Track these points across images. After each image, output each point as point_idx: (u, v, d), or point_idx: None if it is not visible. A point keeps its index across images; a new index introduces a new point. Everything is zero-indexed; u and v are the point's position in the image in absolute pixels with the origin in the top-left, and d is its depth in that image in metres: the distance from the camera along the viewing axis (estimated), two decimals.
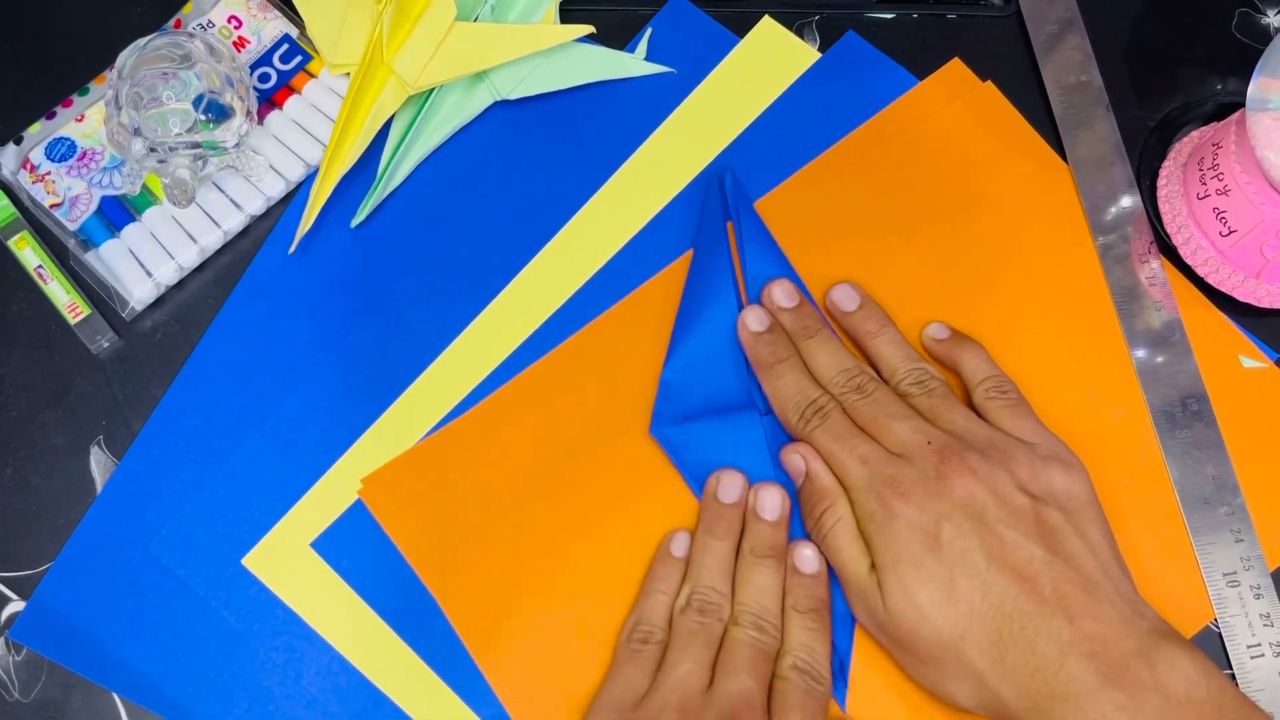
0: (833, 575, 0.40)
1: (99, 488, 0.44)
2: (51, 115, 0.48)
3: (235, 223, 0.47)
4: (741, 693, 0.37)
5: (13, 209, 0.47)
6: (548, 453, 0.43)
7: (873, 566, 0.38)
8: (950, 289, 0.46)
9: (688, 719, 0.36)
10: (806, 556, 0.40)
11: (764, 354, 0.43)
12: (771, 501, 0.41)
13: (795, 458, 0.41)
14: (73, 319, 0.45)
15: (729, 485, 0.41)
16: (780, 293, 0.44)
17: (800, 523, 0.41)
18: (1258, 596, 0.41)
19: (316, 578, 0.42)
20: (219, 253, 0.47)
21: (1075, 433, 0.43)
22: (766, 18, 0.51)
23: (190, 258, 0.46)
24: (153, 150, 0.44)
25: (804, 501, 0.41)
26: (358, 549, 0.42)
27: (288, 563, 0.42)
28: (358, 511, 0.43)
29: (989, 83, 0.50)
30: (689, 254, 0.46)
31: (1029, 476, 0.38)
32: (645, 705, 0.37)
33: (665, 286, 0.46)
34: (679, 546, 0.41)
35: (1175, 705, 0.34)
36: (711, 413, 0.43)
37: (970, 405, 0.42)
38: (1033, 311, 0.46)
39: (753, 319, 0.43)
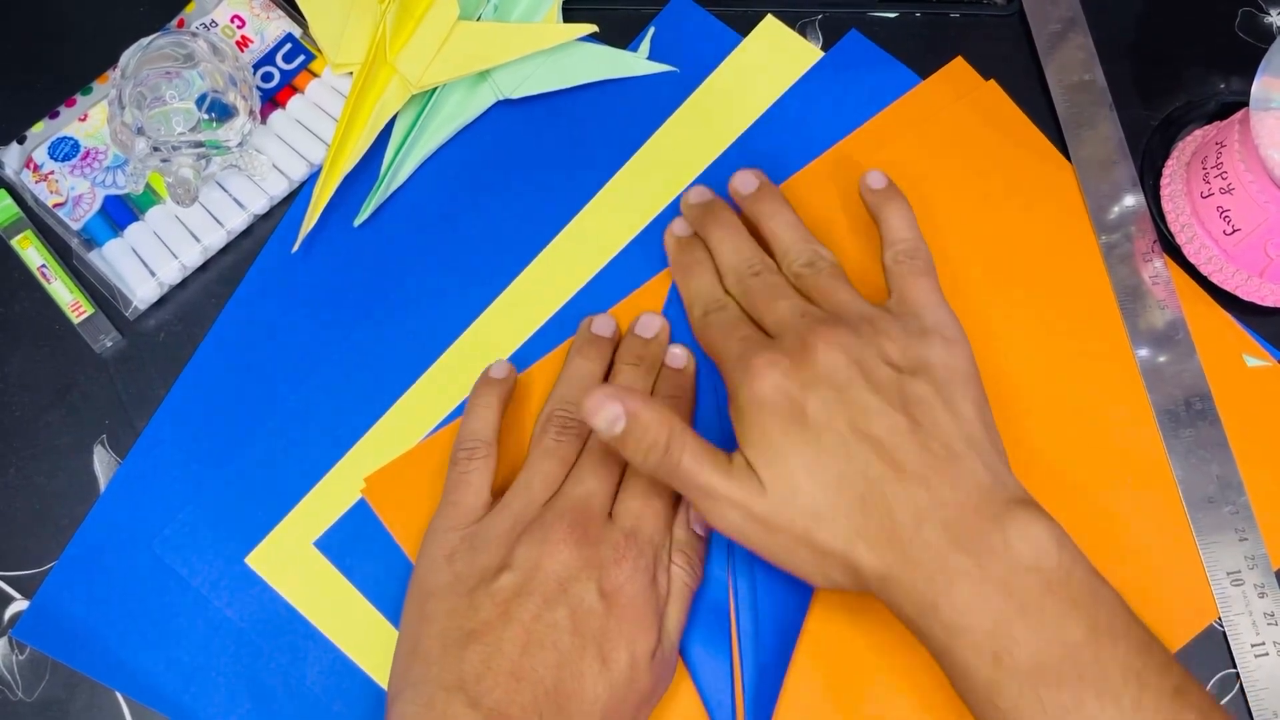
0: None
1: (102, 487, 0.44)
2: (55, 114, 0.48)
3: (238, 222, 0.47)
4: (582, 493, 0.38)
5: (16, 208, 0.47)
6: None
7: (740, 453, 0.37)
8: (953, 287, 0.46)
9: (520, 526, 0.37)
10: (676, 354, 0.43)
11: (682, 259, 0.44)
12: (648, 320, 0.44)
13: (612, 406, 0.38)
14: (76, 318, 0.45)
15: (603, 323, 0.44)
16: (694, 193, 0.46)
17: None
18: (1261, 595, 0.41)
19: (320, 577, 0.42)
20: (222, 252, 0.47)
21: (1078, 432, 0.43)
22: (769, 16, 0.51)
23: (193, 257, 0.46)
24: (156, 149, 0.44)
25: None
26: (361, 548, 0.42)
27: (291, 562, 0.42)
28: (361, 510, 0.43)
29: (992, 82, 0.50)
30: None
31: (901, 349, 0.38)
32: (491, 520, 0.38)
33: (667, 285, 0.46)
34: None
35: (1022, 572, 0.34)
36: None
37: (881, 264, 0.43)
38: (1036, 310, 0.45)
39: (678, 226, 0.46)
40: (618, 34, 0.51)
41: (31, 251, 0.46)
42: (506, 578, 0.36)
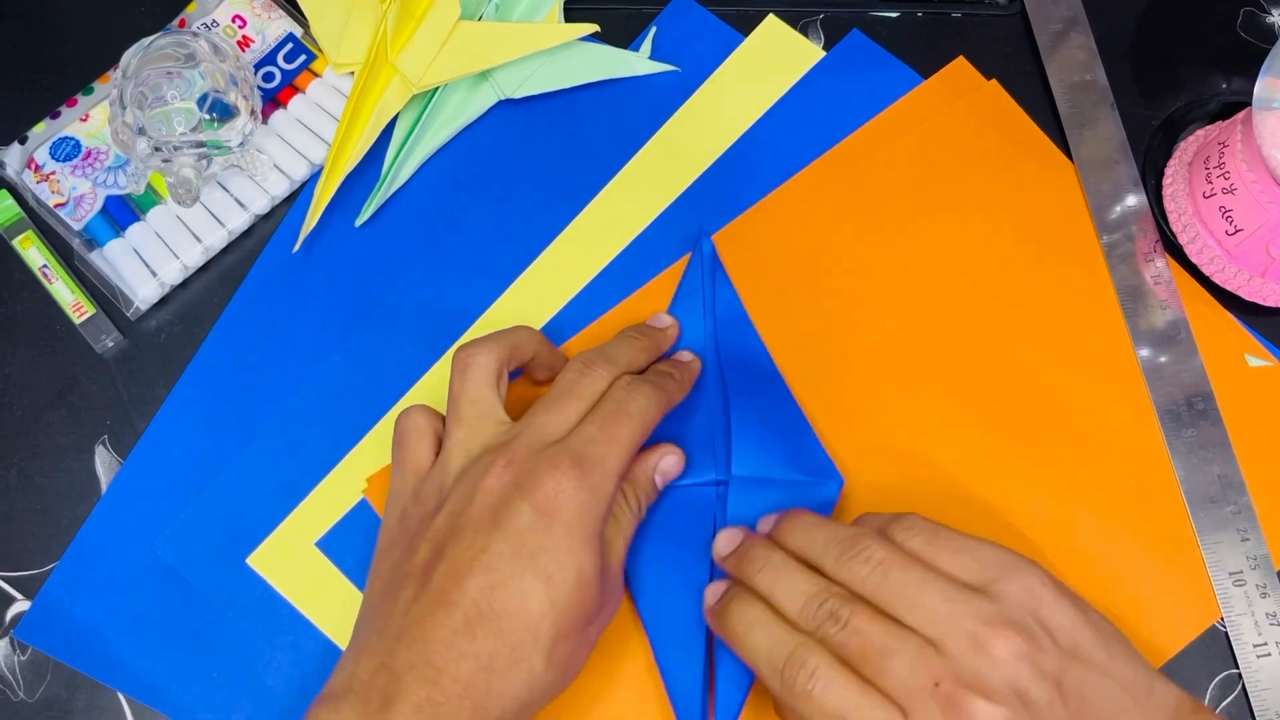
0: None
1: (103, 487, 0.44)
2: (56, 115, 0.48)
3: (239, 222, 0.47)
4: (530, 428, 0.37)
5: (17, 209, 0.47)
6: None
7: None
8: (954, 287, 0.46)
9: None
10: (681, 353, 0.44)
11: (729, 621, 0.36)
12: (659, 317, 0.44)
13: None
14: (77, 318, 0.45)
15: (661, 315, 0.44)
16: (721, 542, 0.38)
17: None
18: (1264, 595, 0.41)
19: (321, 577, 0.42)
20: (223, 252, 0.47)
21: (1080, 432, 0.43)
22: (771, 16, 0.51)
23: (195, 257, 0.46)
24: (157, 149, 0.44)
25: None
26: (362, 548, 0.42)
27: (292, 562, 0.42)
28: (362, 510, 0.43)
29: (993, 81, 0.50)
30: (690, 254, 0.46)
31: (1030, 647, 0.33)
32: (436, 468, 0.38)
33: (668, 285, 0.46)
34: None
35: None
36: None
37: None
38: (1037, 310, 0.45)
39: (710, 595, 0.38)
40: (619, 34, 0.51)
41: (33, 252, 0.46)
42: (440, 519, 0.36)
